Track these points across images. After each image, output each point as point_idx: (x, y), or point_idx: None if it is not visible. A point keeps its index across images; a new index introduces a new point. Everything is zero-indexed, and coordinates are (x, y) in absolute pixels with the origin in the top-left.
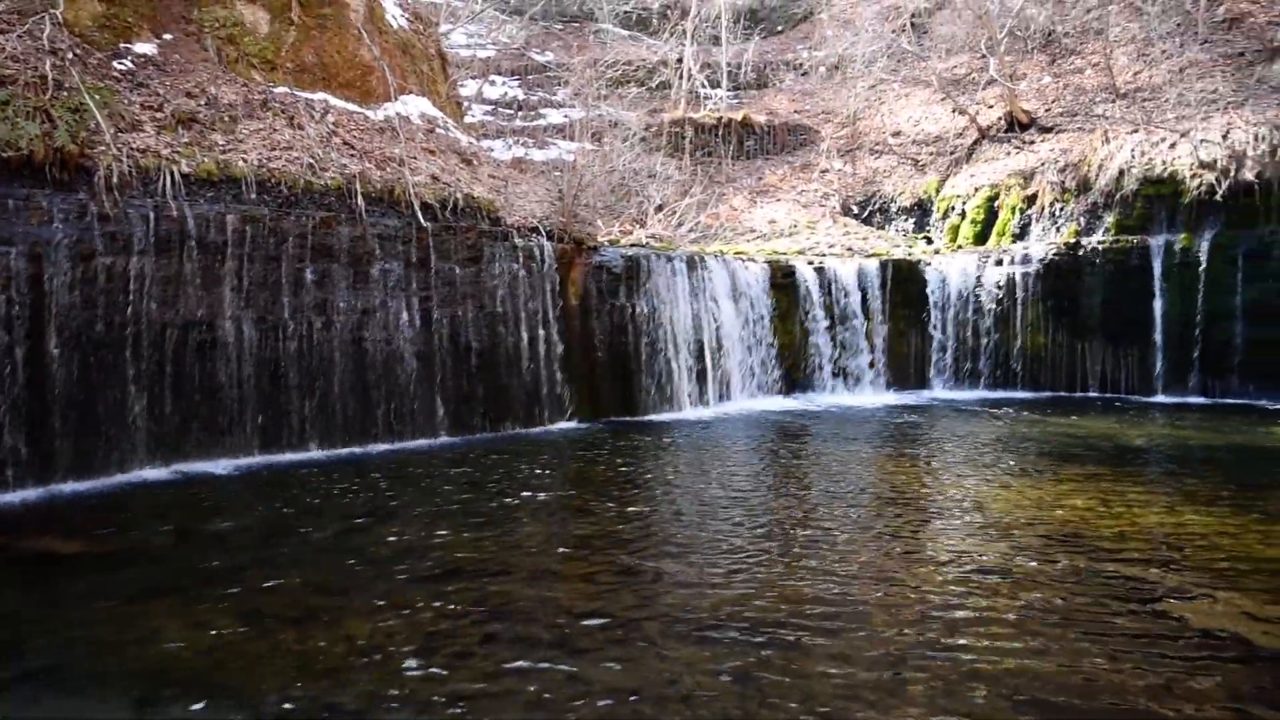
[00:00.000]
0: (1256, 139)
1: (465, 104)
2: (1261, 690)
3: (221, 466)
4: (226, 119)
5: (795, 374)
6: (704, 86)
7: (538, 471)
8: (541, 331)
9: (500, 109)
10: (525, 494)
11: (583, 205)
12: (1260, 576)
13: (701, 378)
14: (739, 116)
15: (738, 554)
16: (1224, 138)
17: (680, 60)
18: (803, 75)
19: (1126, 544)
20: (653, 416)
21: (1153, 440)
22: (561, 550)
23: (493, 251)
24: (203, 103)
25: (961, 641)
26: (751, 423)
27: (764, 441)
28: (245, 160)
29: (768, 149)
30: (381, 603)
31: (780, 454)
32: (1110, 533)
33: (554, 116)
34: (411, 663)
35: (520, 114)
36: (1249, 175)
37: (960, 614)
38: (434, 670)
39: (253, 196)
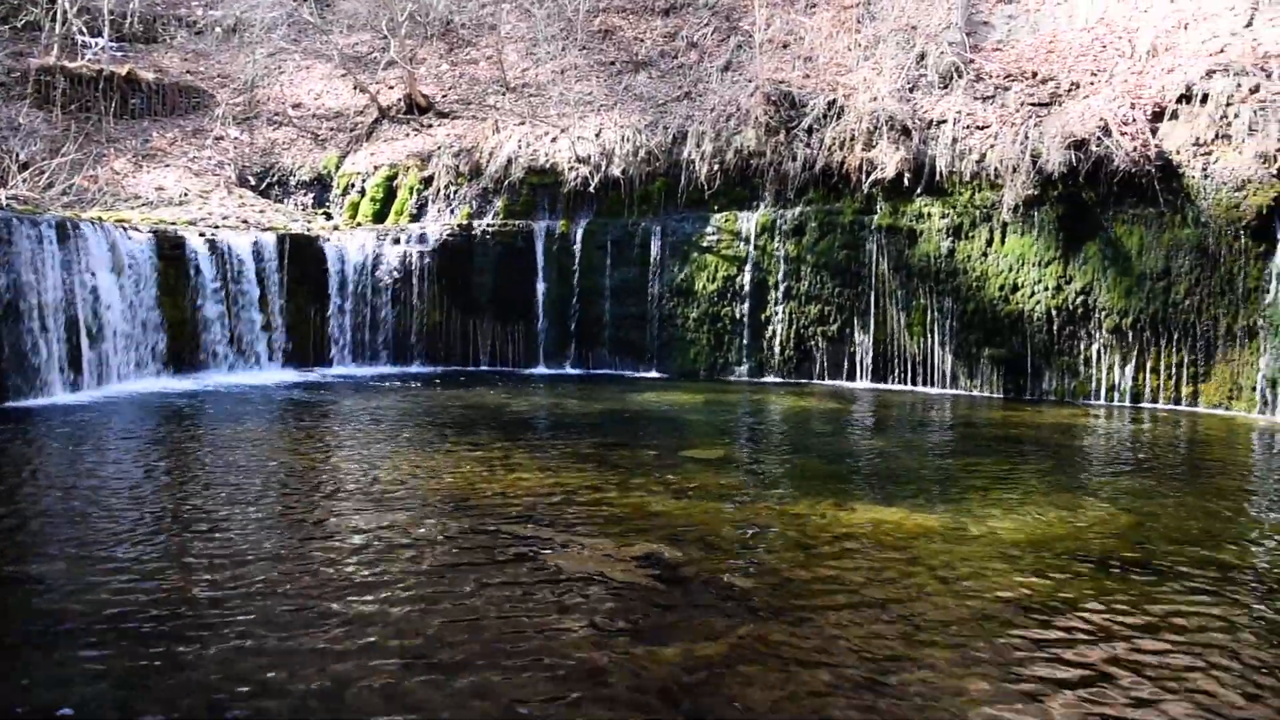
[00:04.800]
0: (623, 139)
1: None
2: (617, 620)
3: None
4: None
5: (187, 353)
6: (82, 33)
7: None
8: None
9: None
10: None
11: None
12: (618, 524)
13: (76, 359)
14: (123, 71)
15: (121, 551)
16: (597, 136)
17: (53, 0)
18: (197, 34)
19: (510, 503)
20: (16, 404)
21: (535, 409)
22: None
23: None
24: None
25: (358, 610)
26: (137, 407)
27: (150, 427)
28: None
29: (156, 110)
30: None
31: (168, 440)
32: (496, 494)
33: None
34: None
35: None
36: (616, 171)
37: (356, 584)
38: None
39: None
